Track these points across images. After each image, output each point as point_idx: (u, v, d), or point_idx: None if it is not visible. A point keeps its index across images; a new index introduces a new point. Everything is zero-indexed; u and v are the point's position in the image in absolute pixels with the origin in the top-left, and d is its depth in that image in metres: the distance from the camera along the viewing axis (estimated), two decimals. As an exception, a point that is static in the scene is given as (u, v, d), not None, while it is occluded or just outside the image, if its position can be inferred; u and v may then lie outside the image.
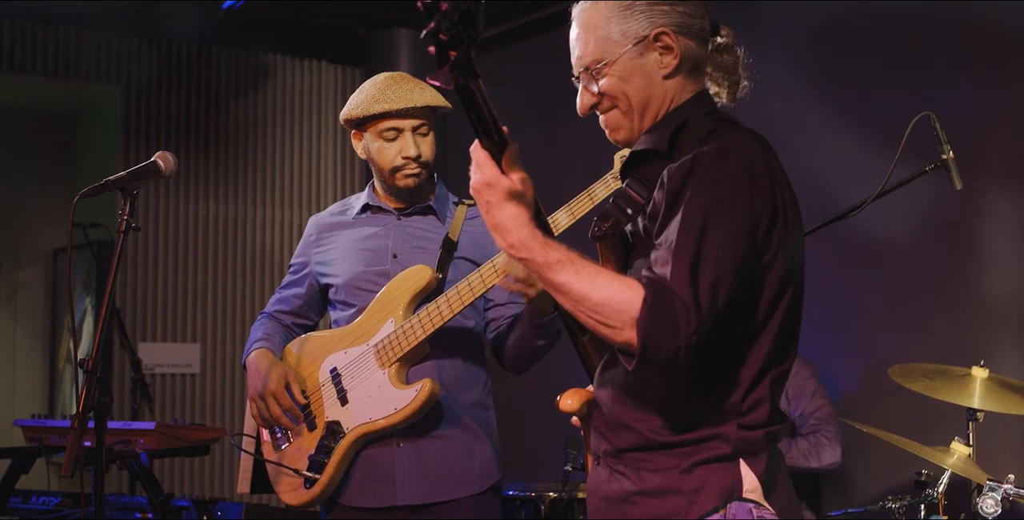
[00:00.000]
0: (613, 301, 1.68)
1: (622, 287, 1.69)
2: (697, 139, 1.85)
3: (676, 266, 1.69)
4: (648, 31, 1.89)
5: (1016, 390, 3.24)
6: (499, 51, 6.13)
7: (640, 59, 1.91)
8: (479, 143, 1.75)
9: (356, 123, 2.93)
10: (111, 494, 4.17)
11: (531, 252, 1.73)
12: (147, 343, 6.27)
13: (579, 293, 1.71)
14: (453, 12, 1.53)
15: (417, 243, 2.94)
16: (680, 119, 1.90)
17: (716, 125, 1.88)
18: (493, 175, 1.74)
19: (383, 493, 2.82)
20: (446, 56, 1.58)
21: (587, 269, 1.73)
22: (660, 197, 1.80)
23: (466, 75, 1.61)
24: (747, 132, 1.87)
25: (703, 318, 1.68)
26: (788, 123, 4.53)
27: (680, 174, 1.78)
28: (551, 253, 1.72)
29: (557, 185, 3.05)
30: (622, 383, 1.88)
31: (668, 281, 1.68)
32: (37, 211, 7.02)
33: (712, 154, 1.78)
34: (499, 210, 1.74)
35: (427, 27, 1.57)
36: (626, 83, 1.91)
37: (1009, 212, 4.00)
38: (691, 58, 1.93)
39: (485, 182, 1.74)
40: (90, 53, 6.23)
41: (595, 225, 1.91)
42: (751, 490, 1.79)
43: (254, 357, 2.96)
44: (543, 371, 3.07)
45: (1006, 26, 4.01)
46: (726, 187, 1.75)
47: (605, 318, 1.69)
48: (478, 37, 1.57)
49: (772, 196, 1.80)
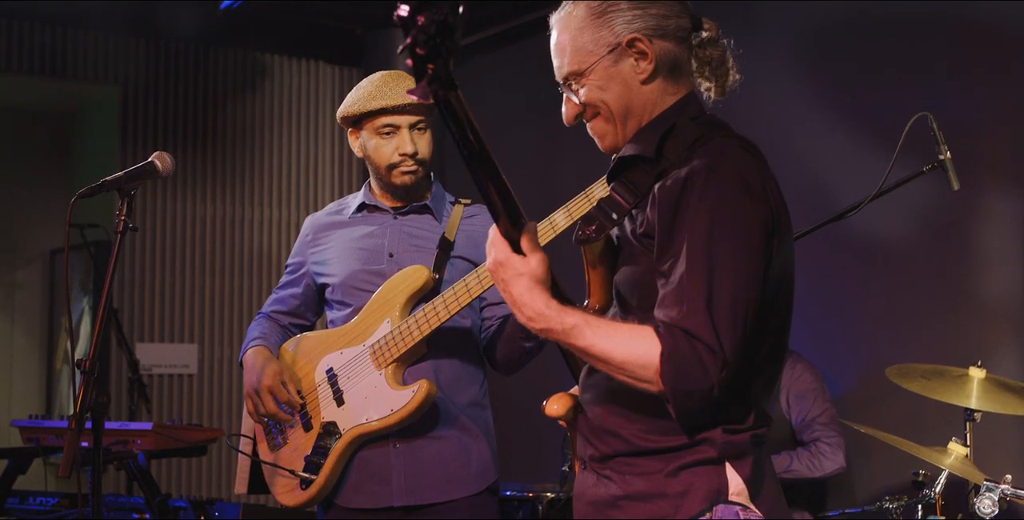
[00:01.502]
0: (634, 356, 1.72)
1: (639, 341, 1.73)
2: (684, 146, 1.84)
3: (691, 305, 1.71)
4: (621, 38, 1.88)
5: (1013, 390, 3.24)
6: (495, 52, 6.14)
7: (615, 67, 1.90)
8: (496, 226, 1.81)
9: (353, 120, 2.93)
10: (108, 494, 4.16)
11: (548, 322, 1.79)
12: (144, 343, 6.27)
13: (601, 354, 1.76)
14: (430, 25, 1.51)
15: (414, 242, 2.93)
16: (667, 125, 1.89)
17: (703, 131, 1.87)
18: (505, 255, 1.80)
19: (379, 494, 2.82)
20: (424, 69, 1.56)
21: (602, 328, 1.77)
22: (653, 216, 1.80)
23: (445, 88, 1.59)
24: (734, 139, 1.86)
25: (728, 353, 1.69)
26: (786, 123, 4.54)
27: (673, 194, 1.77)
28: (567, 319, 1.77)
29: (554, 186, 3.06)
30: (607, 389, 1.88)
31: (686, 324, 1.70)
32: (34, 211, 7.01)
33: (703, 171, 1.76)
34: (513, 286, 1.80)
35: (404, 42, 1.54)
36: (604, 92, 1.91)
37: (1006, 212, 4.00)
38: (668, 61, 1.91)
39: (497, 262, 1.82)
40: (88, 53, 6.23)
41: (579, 229, 1.91)
42: (737, 493, 1.79)
43: (250, 354, 2.96)
44: (540, 371, 3.07)
45: (1004, 26, 4.02)
46: (723, 206, 1.74)
47: (632, 374, 1.74)
48: (457, 48, 1.55)
49: (767, 205, 1.80)
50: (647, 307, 1.83)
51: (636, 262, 1.85)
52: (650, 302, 1.81)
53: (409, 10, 1.50)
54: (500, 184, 1.74)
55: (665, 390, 1.71)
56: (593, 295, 1.96)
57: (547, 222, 2.59)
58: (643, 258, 1.83)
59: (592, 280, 1.95)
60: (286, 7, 6.01)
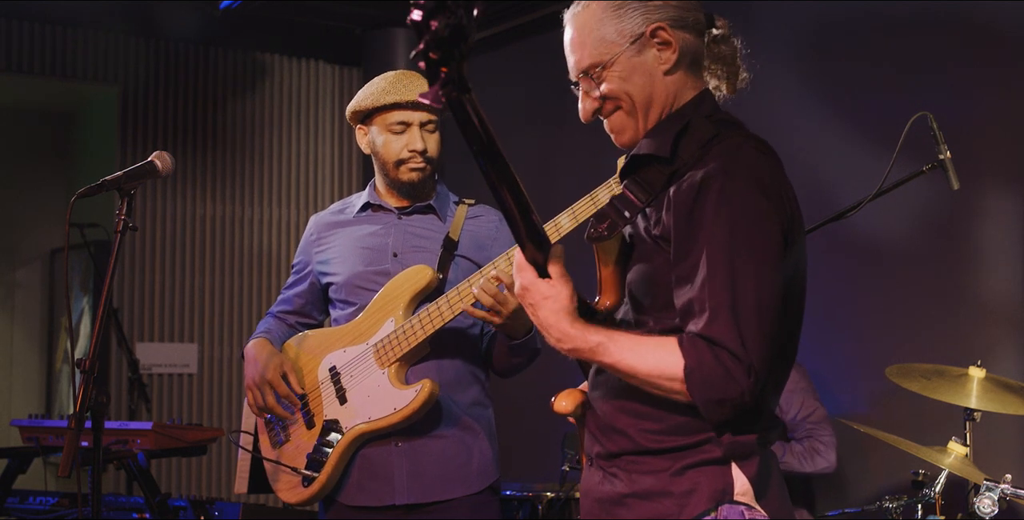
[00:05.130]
0: (659, 370, 1.74)
1: (664, 354, 1.73)
2: (698, 144, 1.84)
3: (713, 313, 1.71)
4: (644, 27, 1.88)
5: (1013, 390, 3.24)
6: (500, 51, 6.13)
7: (639, 57, 1.89)
8: (522, 252, 1.82)
9: (364, 115, 2.93)
10: (108, 494, 4.16)
11: (574, 342, 1.80)
12: (144, 343, 6.27)
13: (628, 369, 1.77)
14: (444, 29, 1.49)
15: (417, 242, 2.94)
16: (682, 122, 1.88)
17: (718, 129, 1.86)
18: (531, 281, 1.83)
19: (381, 492, 2.82)
20: (437, 73, 1.54)
21: (627, 343, 1.78)
22: (669, 220, 1.80)
23: (458, 90, 1.57)
24: (749, 139, 1.85)
25: (755, 359, 1.70)
26: (785, 123, 4.54)
27: (689, 198, 1.77)
28: (591, 338, 1.79)
29: (559, 187, 3.06)
30: (616, 387, 1.88)
31: (709, 332, 1.70)
32: (34, 211, 7.01)
33: (719, 175, 1.76)
34: (541, 310, 1.82)
35: (416, 47, 1.53)
36: (627, 82, 1.90)
37: (1006, 212, 4.00)
38: (690, 52, 1.91)
39: (524, 287, 1.84)
40: (87, 53, 6.23)
41: (591, 226, 1.91)
42: (742, 493, 1.80)
43: (252, 346, 2.97)
44: (542, 370, 3.07)
45: (1004, 26, 4.01)
46: (741, 210, 1.74)
47: (661, 387, 1.75)
48: (470, 51, 1.53)
49: (783, 206, 1.80)
50: (661, 306, 1.83)
51: (650, 261, 1.85)
52: (663, 301, 1.82)
53: (423, 14, 1.49)
54: (518, 193, 1.71)
55: (696, 401, 1.72)
56: (604, 293, 1.96)
57: (552, 224, 2.59)
58: (657, 257, 1.83)
59: (604, 278, 1.95)
60: (286, 7, 6.01)
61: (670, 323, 1.81)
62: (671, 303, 1.81)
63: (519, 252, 1.83)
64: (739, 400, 1.70)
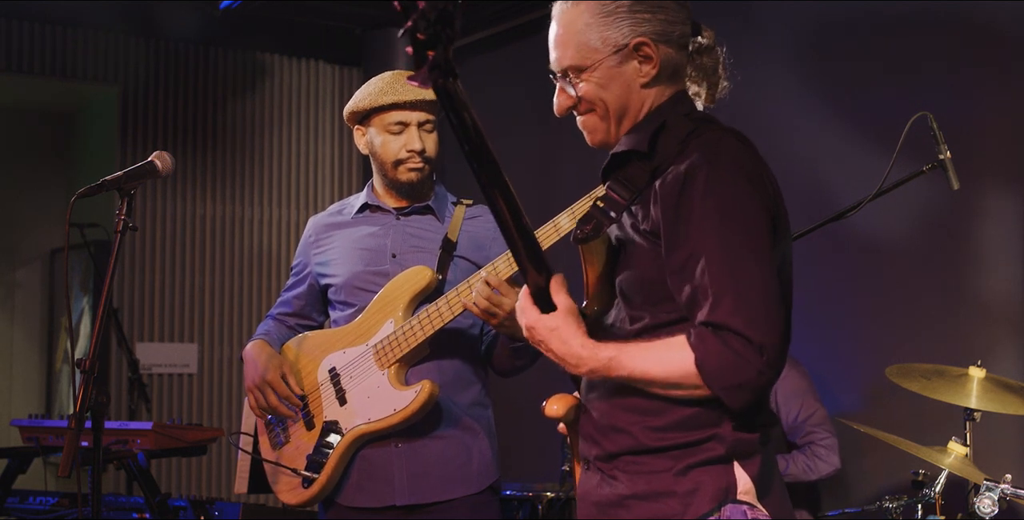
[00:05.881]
0: (670, 369, 1.74)
1: (672, 353, 1.74)
2: (677, 140, 1.85)
3: (715, 299, 1.71)
4: (628, 40, 1.88)
5: (1013, 390, 3.24)
6: (500, 51, 6.13)
7: (619, 68, 1.90)
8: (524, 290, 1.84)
9: (362, 116, 2.92)
10: (108, 494, 4.16)
11: (588, 363, 1.81)
12: (144, 343, 6.27)
13: (643, 377, 1.78)
14: (431, 11, 1.52)
15: (416, 243, 2.93)
16: (659, 121, 1.89)
17: (695, 125, 1.87)
18: (534, 318, 1.84)
19: (381, 493, 2.82)
20: (424, 56, 1.56)
21: (636, 351, 1.78)
22: (657, 213, 1.80)
23: (444, 75, 1.59)
24: (727, 131, 1.87)
25: (765, 336, 1.69)
26: (785, 123, 4.54)
27: (675, 189, 1.78)
28: (602, 354, 1.80)
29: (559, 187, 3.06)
30: (614, 385, 1.88)
31: (712, 318, 1.70)
32: (34, 211, 7.01)
33: (704, 165, 1.77)
34: (550, 343, 1.83)
35: (404, 26, 1.55)
36: (604, 90, 1.91)
37: (1006, 212, 4.00)
38: (670, 66, 1.92)
39: (530, 327, 1.85)
40: (88, 53, 6.23)
41: (577, 228, 1.91)
42: (745, 492, 1.79)
43: (251, 348, 2.97)
44: (540, 371, 3.07)
45: (1004, 26, 4.02)
46: (729, 197, 1.75)
47: (680, 386, 1.75)
48: (456, 36, 1.55)
49: (767, 192, 1.81)
50: (654, 302, 1.83)
51: (639, 259, 1.85)
52: (658, 295, 1.82)
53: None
54: (506, 191, 1.72)
55: (715, 392, 1.71)
56: (592, 296, 1.96)
57: (551, 224, 2.59)
58: (648, 253, 1.83)
59: (591, 281, 1.95)
60: (285, 7, 6.01)
61: (666, 317, 1.82)
62: (665, 297, 1.81)
63: (524, 291, 1.84)
64: (756, 380, 1.70)
